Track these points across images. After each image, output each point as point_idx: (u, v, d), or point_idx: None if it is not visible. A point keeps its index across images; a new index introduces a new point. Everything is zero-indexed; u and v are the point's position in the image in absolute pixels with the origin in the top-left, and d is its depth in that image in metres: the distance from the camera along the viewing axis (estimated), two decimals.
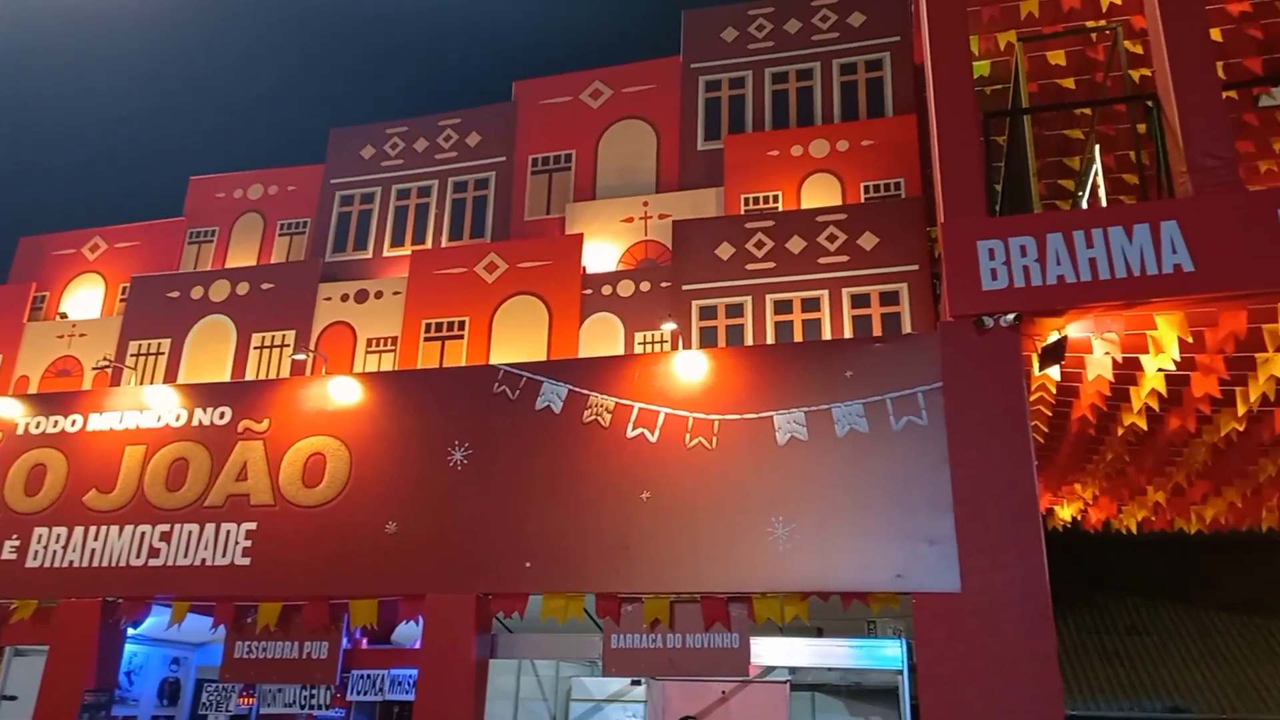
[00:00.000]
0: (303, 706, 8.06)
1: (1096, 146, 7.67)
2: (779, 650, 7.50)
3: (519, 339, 9.73)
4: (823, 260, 9.04)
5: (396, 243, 11.45)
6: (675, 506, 7.11)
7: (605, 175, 11.08)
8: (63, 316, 12.00)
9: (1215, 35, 7.60)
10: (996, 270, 6.30)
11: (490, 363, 9.37)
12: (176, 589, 8.16)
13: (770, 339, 8.91)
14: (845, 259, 8.99)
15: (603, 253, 10.32)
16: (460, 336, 9.95)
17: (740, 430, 7.19)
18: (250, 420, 8.55)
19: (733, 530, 6.91)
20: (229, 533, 8.14)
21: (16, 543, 8.62)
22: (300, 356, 10.14)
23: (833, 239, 9.09)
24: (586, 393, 7.67)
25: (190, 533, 8.24)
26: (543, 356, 9.47)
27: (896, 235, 8.91)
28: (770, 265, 9.18)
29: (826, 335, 8.74)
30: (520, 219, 11.12)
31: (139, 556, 8.30)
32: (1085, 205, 7.76)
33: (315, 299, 10.70)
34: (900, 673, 7.68)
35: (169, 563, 8.20)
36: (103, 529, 8.48)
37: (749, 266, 9.24)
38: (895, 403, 6.86)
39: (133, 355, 10.95)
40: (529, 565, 7.30)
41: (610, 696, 11.24)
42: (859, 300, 8.83)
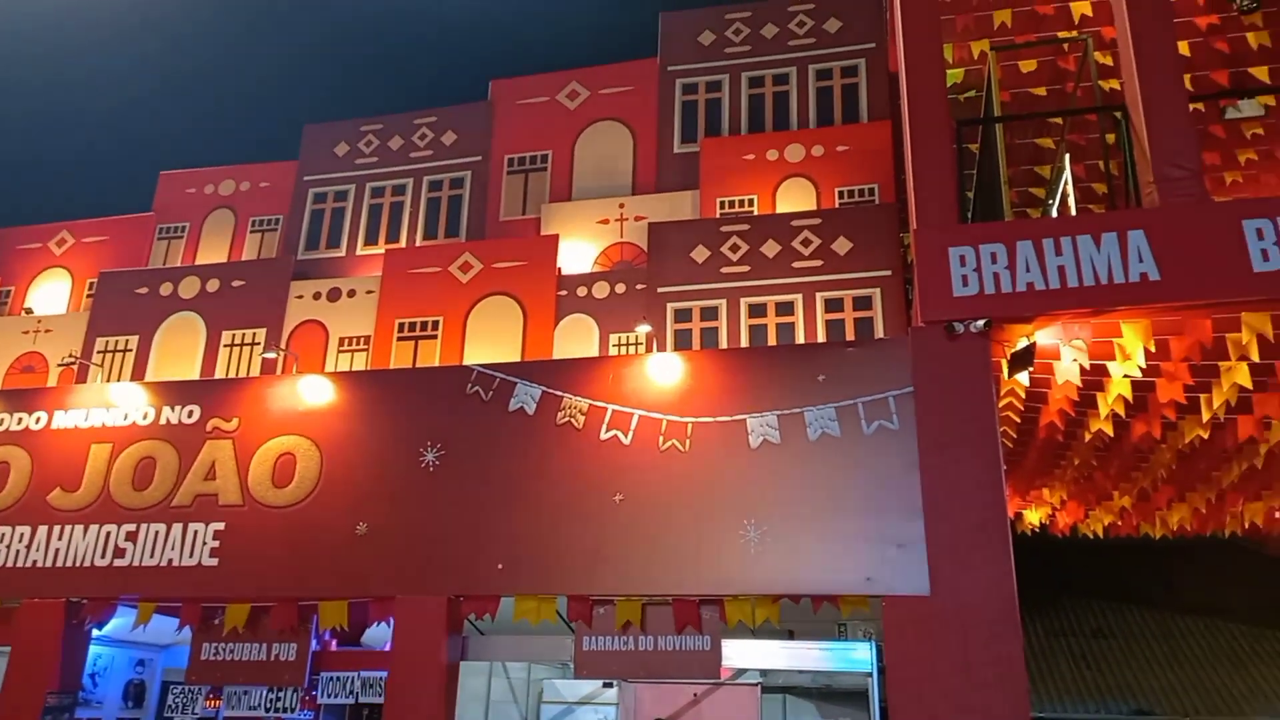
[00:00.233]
0: (269, 709, 7.98)
1: (1067, 156, 7.77)
2: (750, 653, 7.53)
3: (493, 339, 9.69)
4: (797, 264, 9.08)
5: (370, 241, 11.37)
6: (648, 509, 7.12)
7: (581, 176, 11.06)
8: (28, 312, 11.79)
9: (1183, 48, 7.74)
10: (967, 277, 6.36)
11: (464, 363, 9.32)
12: (142, 590, 8.05)
13: (745, 342, 8.94)
14: (819, 263, 9.03)
15: (578, 254, 10.30)
16: (434, 336, 9.90)
17: (713, 433, 7.21)
18: (219, 419, 8.46)
19: (705, 533, 6.93)
20: (196, 533, 8.04)
21: None
22: (271, 355, 10.03)
23: (807, 243, 9.13)
24: (560, 394, 7.66)
25: (157, 533, 8.14)
26: (517, 357, 9.45)
27: (870, 240, 8.97)
28: (745, 269, 9.21)
29: (800, 339, 8.78)
30: (495, 219, 11.07)
31: (104, 557, 8.19)
32: (1055, 213, 7.85)
33: (287, 297, 10.60)
34: (870, 675, 7.73)
35: (135, 563, 8.09)
36: (67, 528, 8.36)
37: (724, 270, 9.26)
38: (867, 407, 6.91)
39: (100, 352, 10.79)
40: (501, 567, 7.28)
41: (582, 699, 11.21)
42: (832, 304, 8.88)
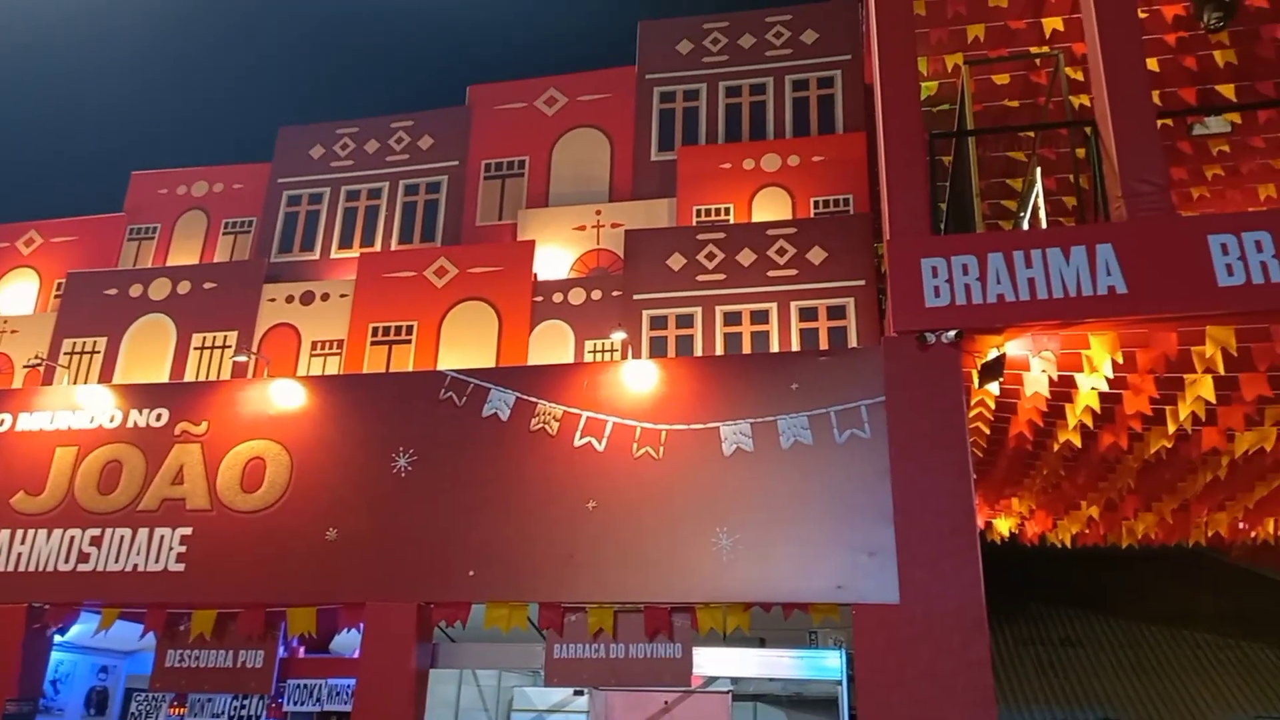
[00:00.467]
0: (234, 717, 7.88)
1: (1038, 169, 7.87)
2: (721, 660, 7.53)
3: (468, 345, 9.65)
4: (772, 273, 9.12)
5: (344, 245, 11.29)
6: (621, 516, 7.11)
7: (558, 182, 11.05)
8: None
9: (1152, 65, 7.87)
10: (939, 288, 6.42)
11: (438, 368, 9.28)
12: (107, 595, 7.93)
13: (720, 350, 8.96)
14: (794, 272, 9.08)
15: (554, 260, 10.29)
16: (408, 341, 9.85)
17: (687, 440, 7.22)
18: (188, 422, 8.36)
19: (677, 540, 6.93)
20: (163, 538, 7.94)
21: None
22: (242, 358, 9.93)
23: (782, 252, 9.18)
24: (534, 400, 7.64)
25: (122, 537, 8.03)
26: (491, 363, 9.41)
27: (844, 250, 9.03)
28: (721, 277, 9.24)
29: (775, 347, 8.82)
30: (472, 224, 11.03)
31: (68, 561, 8.06)
32: (1027, 226, 7.95)
33: (259, 300, 10.49)
34: (840, 683, 7.75)
35: (99, 568, 7.97)
36: (30, 532, 8.23)
37: (700, 278, 9.29)
38: (839, 415, 6.95)
39: (66, 354, 10.62)
40: (472, 574, 7.24)
41: (552, 707, 11.17)
42: (807, 314, 8.93)
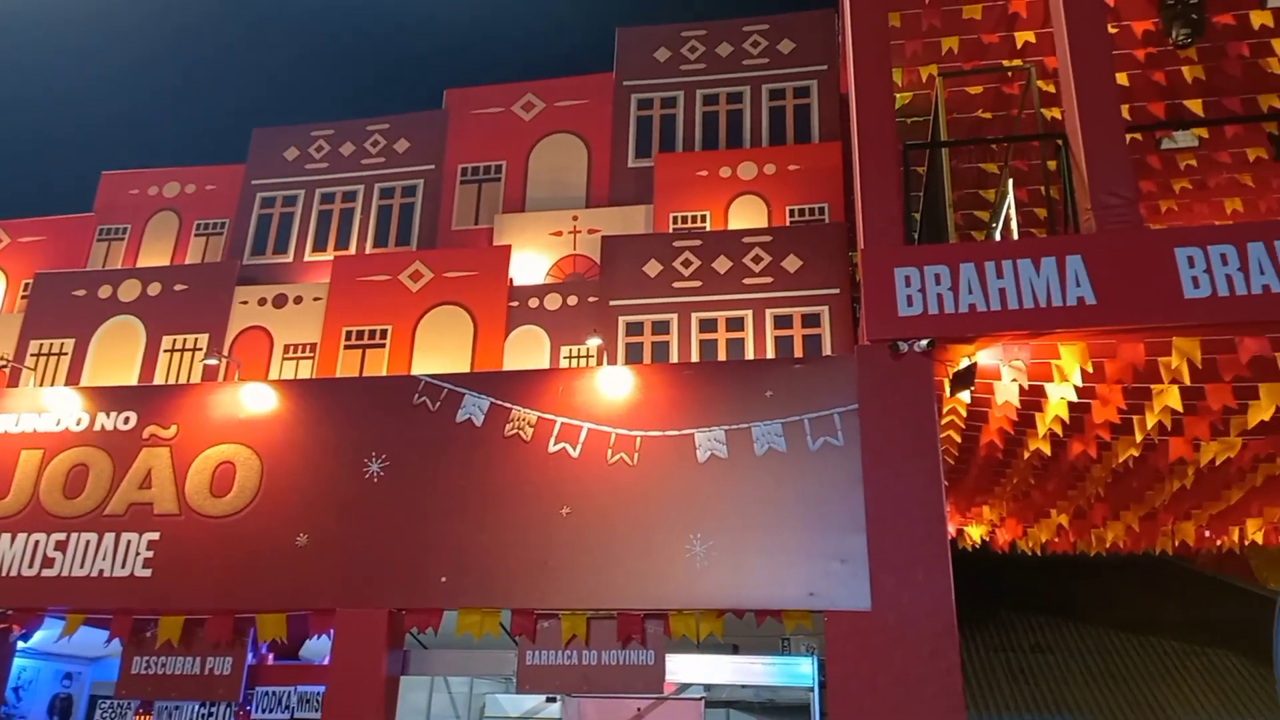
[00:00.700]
0: None
1: (1010, 180, 7.97)
2: (694, 667, 7.53)
3: (442, 350, 9.61)
4: (748, 281, 9.16)
5: (319, 247, 11.21)
6: (595, 522, 7.10)
7: (535, 187, 11.04)
8: None
9: (1121, 79, 8.00)
10: (912, 297, 6.48)
11: (411, 373, 9.23)
12: (72, 601, 7.80)
13: (695, 356, 8.98)
14: (769, 280, 9.12)
15: (530, 265, 10.28)
16: (382, 345, 9.78)
17: (662, 447, 7.22)
18: (157, 426, 8.25)
19: (651, 547, 6.93)
20: (130, 543, 7.82)
21: None
22: (212, 361, 9.82)
23: (758, 260, 9.22)
24: (509, 406, 7.62)
25: (88, 542, 7.90)
26: (466, 368, 9.37)
27: (819, 259, 9.08)
28: (697, 284, 9.27)
29: (750, 354, 8.85)
30: (448, 228, 10.99)
31: (32, 566, 7.92)
32: (999, 236, 8.04)
33: (231, 302, 10.38)
34: (812, 689, 7.78)
35: (64, 573, 7.84)
36: None
37: (676, 284, 9.31)
38: (813, 423, 6.99)
39: (33, 355, 10.46)
40: (444, 580, 7.20)
41: (525, 714, 11.12)
42: (782, 321, 8.97)
